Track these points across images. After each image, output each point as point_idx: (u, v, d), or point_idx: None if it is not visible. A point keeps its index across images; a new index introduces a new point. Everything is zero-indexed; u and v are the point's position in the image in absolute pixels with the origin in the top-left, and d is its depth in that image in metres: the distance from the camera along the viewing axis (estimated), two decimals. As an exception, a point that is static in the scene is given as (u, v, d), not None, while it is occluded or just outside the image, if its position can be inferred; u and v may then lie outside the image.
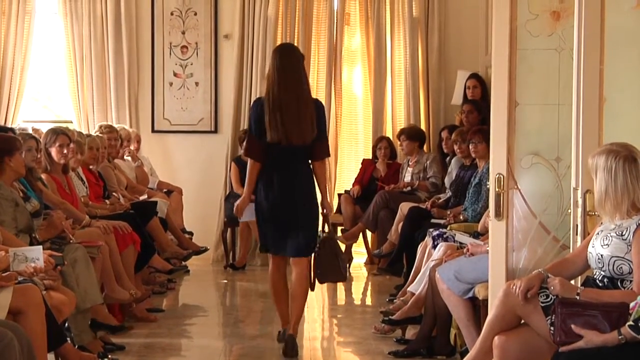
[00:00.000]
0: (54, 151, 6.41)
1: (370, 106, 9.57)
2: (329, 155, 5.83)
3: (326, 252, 5.76)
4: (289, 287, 5.84)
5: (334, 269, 5.79)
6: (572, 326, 3.54)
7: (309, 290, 5.84)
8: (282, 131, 5.53)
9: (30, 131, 7.37)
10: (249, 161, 5.72)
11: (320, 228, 5.88)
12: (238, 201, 5.83)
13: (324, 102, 9.10)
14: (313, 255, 5.79)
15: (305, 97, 5.60)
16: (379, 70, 9.48)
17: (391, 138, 9.31)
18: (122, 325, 5.98)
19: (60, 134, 6.47)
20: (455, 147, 7.51)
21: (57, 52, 9.68)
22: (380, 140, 9.22)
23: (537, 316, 3.74)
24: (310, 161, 5.68)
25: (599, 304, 3.58)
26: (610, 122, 4.06)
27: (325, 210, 5.78)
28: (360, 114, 9.79)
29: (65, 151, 6.45)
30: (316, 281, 5.86)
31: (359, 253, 9.49)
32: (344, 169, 9.79)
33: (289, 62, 5.61)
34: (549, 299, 3.74)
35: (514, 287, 3.78)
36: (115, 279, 6.09)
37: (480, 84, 8.49)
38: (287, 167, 5.61)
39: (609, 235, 3.78)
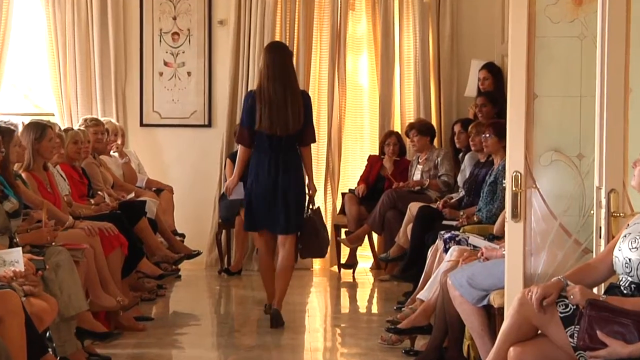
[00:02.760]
0: (43, 147, 6.42)
1: (376, 98, 9.58)
2: (314, 141, 6.92)
3: (308, 229, 6.82)
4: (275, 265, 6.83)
5: (313, 246, 6.87)
6: (598, 332, 3.53)
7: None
8: (269, 123, 6.62)
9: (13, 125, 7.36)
10: (239, 147, 6.90)
11: (306, 207, 6.84)
12: (227, 181, 7.06)
13: (326, 94, 9.40)
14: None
15: (293, 90, 6.68)
16: (386, 59, 9.48)
17: (400, 132, 9.32)
18: (111, 332, 5.98)
19: (47, 127, 6.49)
20: (471, 141, 7.51)
21: (38, 40, 9.69)
22: (388, 136, 9.22)
23: (555, 327, 3.73)
24: (298, 146, 6.74)
25: (631, 312, 3.55)
26: (637, 114, 4.05)
27: (310, 191, 6.87)
28: (366, 106, 9.80)
29: (54, 146, 6.50)
30: (297, 256, 6.95)
31: (365, 257, 9.50)
32: (349, 166, 9.80)
33: (279, 58, 6.70)
34: (568, 309, 3.72)
35: (530, 295, 3.78)
36: (100, 284, 6.10)
37: (492, 75, 8.50)
38: (277, 152, 6.69)
39: (638, 237, 3.76)
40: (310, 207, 6.90)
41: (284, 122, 6.63)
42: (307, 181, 6.84)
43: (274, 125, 6.63)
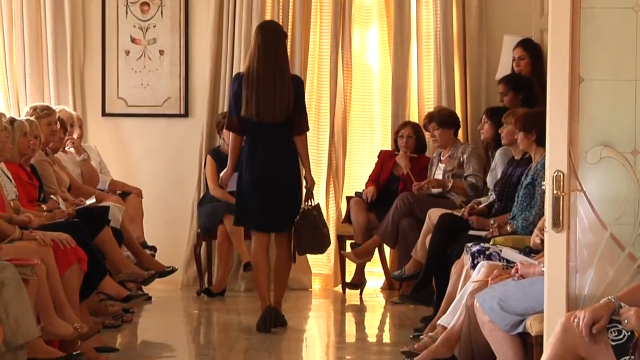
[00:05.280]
0: None
1: (389, 82, 9.60)
2: (308, 129, 7.60)
3: (304, 223, 7.46)
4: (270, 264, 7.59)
5: (310, 241, 7.51)
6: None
7: (292, 263, 7.66)
8: (256, 109, 7.26)
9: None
10: (230, 134, 7.57)
11: (304, 201, 7.52)
12: (222, 173, 7.74)
13: (327, 77, 9.43)
14: (293, 227, 7.50)
15: (283, 74, 7.29)
16: (400, 35, 9.50)
17: (418, 123, 9.33)
18: (71, 354, 5.98)
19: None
20: (502, 134, 7.53)
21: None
22: (403, 127, 9.22)
23: (606, 357, 3.75)
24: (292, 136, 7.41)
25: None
26: None
27: (307, 184, 7.55)
28: (376, 92, 9.82)
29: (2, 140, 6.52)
30: (296, 253, 7.64)
31: (374, 274, 9.52)
32: (355, 164, 9.82)
33: (271, 39, 7.32)
34: (621, 336, 3.75)
35: (576, 320, 3.79)
36: (54, 308, 6.11)
37: (529, 54, 8.54)
38: (269, 141, 7.35)
39: None
40: (309, 202, 7.53)
41: (272, 108, 7.26)
42: (303, 173, 7.55)
43: (262, 112, 7.26)
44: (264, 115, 7.28)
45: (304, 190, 7.59)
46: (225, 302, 8.86)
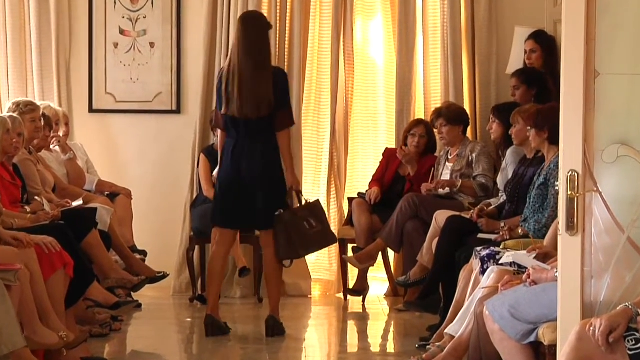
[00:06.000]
0: None
1: (393, 76, 9.60)
2: (292, 123, 7.73)
3: (280, 228, 7.57)
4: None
5: (284, 248, 7.60)
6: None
7: (282, 266, 7.73)
8: (238, 105, 7.43)
9: None
10: (219, 132, 7.90)
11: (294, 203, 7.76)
12: (215, 171, 8.10)
13: (328, 70, 9.43)
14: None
15: (264, 67, 7.46)
16: (405, 26, 9.51)
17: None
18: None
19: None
20: (512, 133, 7.54)
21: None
22: (415, 125, 9.18)
23: (623, 368, 3.76)
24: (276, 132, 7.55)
25: None
26: None
27: (289, 184, 7.65)
28: (380, 86, 9.82)
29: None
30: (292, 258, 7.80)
31: (378, 279, 9.53)
32: (358, 163, 9.83)
33: (252, 32, 7.47)
34: (639, 345, 3.76)
35: (592, 329, 3.80)
36: (38, 315, 6.12)
37: (541, 47, 8.56)
38: (246, 137, 7.52)
39: None
40: (299, 203, 7.73)
41: (253, 103, 7.43)
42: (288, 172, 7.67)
43: (243, 108, 7.45)
44: (245, 111, 7.45)
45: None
46: (220, 309, 8.82)
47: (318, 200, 8.12)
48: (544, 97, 8.03)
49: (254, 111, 7.46)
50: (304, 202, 7.83)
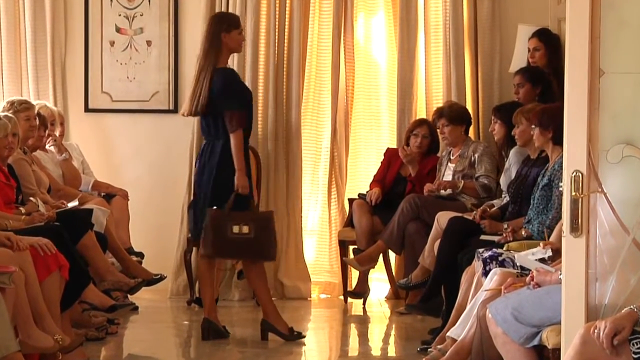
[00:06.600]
0: None
1: (395, 74, 9.60)
2: (239, 126, 7.64)
3: (206, 224, 7.65)
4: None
5: (203, 243, 7.70)
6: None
7: (256, 264, 7.77)
8: (188, 104, 7.82)
9: None
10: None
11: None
12: None
13: (329, 69, 9.44)
14: None
15: (202, 66, 7.70)
16: (407, 23, 9.50)
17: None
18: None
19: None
20: (515, 133, 7.55)
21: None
22: (418, 125, 9.17)
23: (628, 371, 3.76)
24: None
25: None
26: None
27: (236, 187, 7.64)
28: (382, 85, 9.81)
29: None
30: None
31: (379, 280, 9.52)
32: (359, 163, 9.81)
33: (209, 31, 7.79)
34: (645, 348, 3.77)
35: (596, 331, 3.79)
36: (33, 318, 6.11)
37: (545, 45, 8.56)
38: (207, 140, 7.87)
39: None
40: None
41: (191, 100, 7.79)
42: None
43: (190, 107, 7.79)
44: (186, 108, 7.88)
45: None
46: (218, 312, 8.82)
47: (271, 212, 8.24)
48: (548, 97, 8.03)
49: (188, 110, 7.83)
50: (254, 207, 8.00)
